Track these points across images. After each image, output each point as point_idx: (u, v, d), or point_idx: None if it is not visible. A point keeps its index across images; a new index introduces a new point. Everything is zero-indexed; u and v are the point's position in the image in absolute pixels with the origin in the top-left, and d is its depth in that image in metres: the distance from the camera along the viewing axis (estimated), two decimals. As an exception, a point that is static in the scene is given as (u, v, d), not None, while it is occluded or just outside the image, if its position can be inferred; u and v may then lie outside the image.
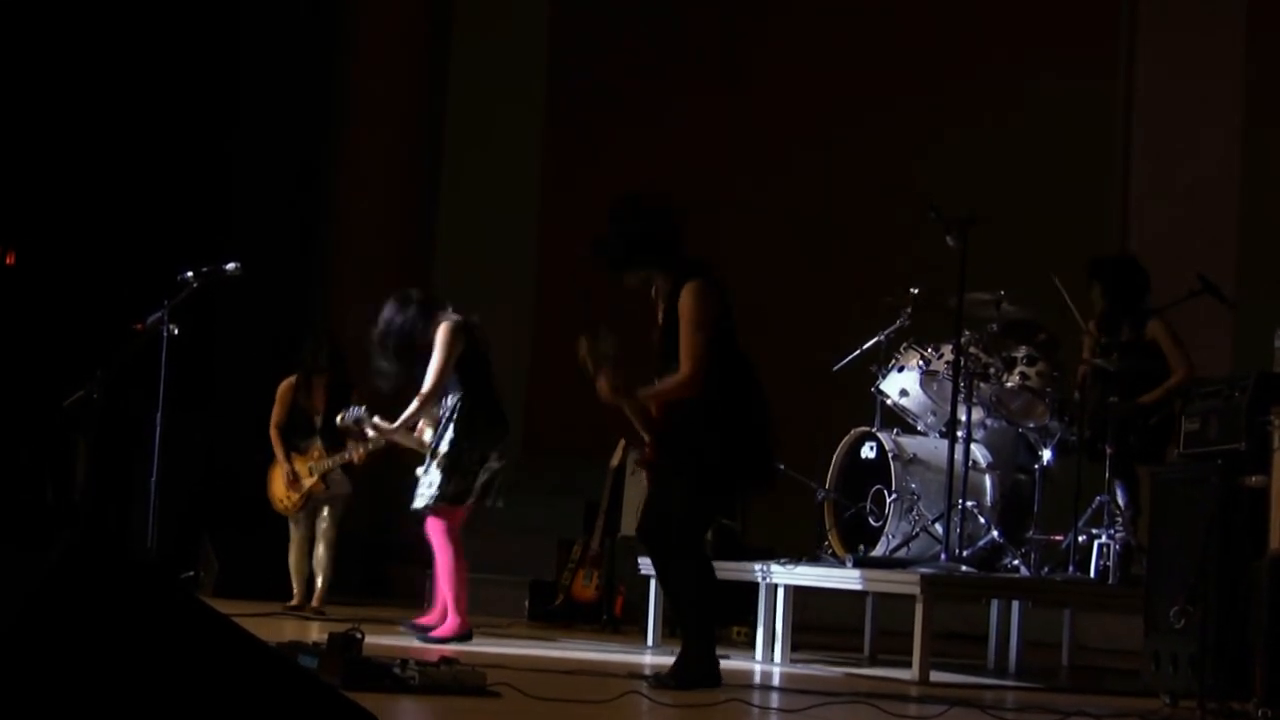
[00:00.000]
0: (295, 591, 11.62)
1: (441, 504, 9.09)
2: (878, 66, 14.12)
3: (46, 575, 3.52)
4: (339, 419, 9.77)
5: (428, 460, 9.20)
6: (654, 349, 7.28)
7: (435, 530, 9.21)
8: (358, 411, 9.57)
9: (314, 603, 11.47)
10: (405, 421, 9.36)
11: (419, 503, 9.19)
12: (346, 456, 11.32)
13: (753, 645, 9.31)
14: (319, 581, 11.57)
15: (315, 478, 11.57)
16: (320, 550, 11.63)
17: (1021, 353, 9.19)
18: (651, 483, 7.59)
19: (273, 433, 11.67)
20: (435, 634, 9.08)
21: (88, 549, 3.56)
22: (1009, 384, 9.10)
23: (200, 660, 3.54)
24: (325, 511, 11.64)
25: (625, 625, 11.16)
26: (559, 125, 15.53)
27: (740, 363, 7.17)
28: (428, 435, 9.39)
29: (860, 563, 8.83)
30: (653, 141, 14.76)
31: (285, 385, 11.70)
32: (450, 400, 9.16)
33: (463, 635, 9.06)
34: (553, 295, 14.72)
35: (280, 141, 14.81)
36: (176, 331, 9.52)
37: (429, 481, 9.14)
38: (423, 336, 9.17)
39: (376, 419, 9.50)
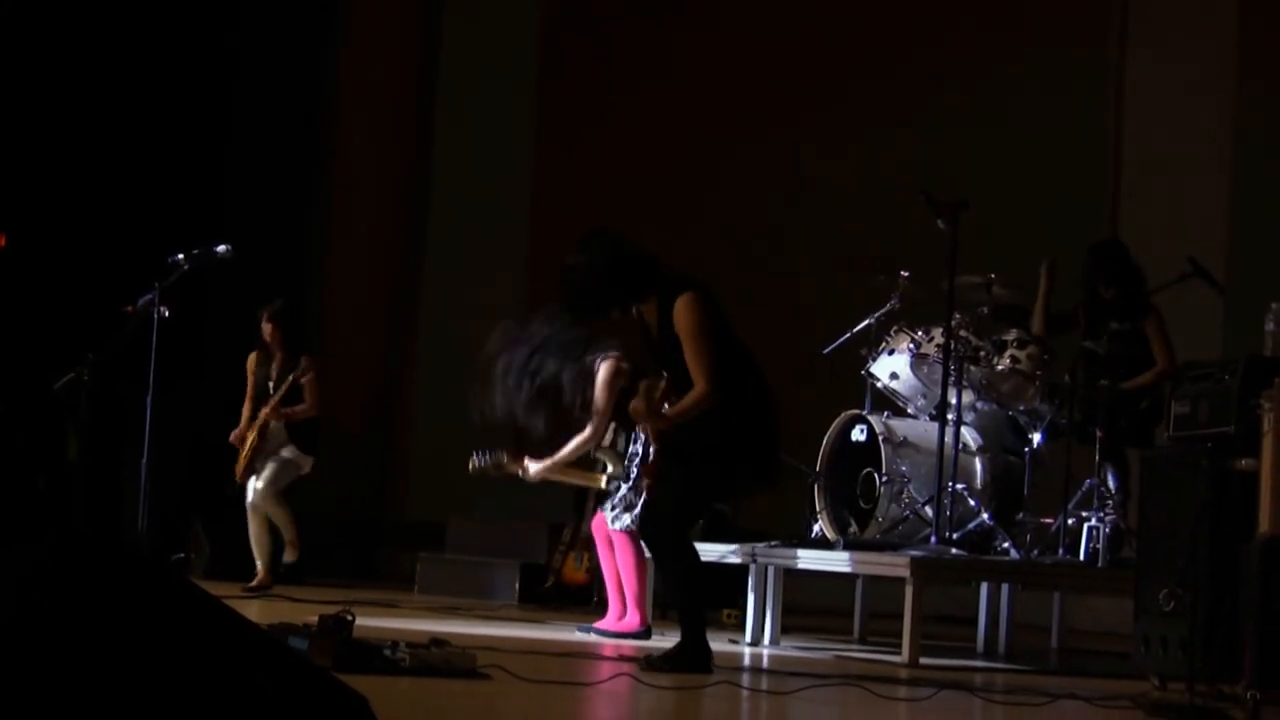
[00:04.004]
0: (259, 569, 11.31)
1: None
2: (870, 47, 14.11)
3: (36, 565, 3.52)
4: (471, 466, 9.57)
5: (626, 478, 9.10)
6: (655, 362, 7.33)
7: (628, 540, 9.13)
8: (495, 456, 9.47)
9: (259, 578, 11.13)
10: (561, 460, 9.32)
11: (624, 525, 9.05)
12: (292, 411, 11.25)
13: (743, 628, 9.32)
14: (284, 552, 11.33)
15: (254, 433, 11.31)
16: (269, 517, 11.28)
17: (1012, 336, 9.21)
18: (651, 492, 7.63)
19: (245, 406, 11.52)
20: (619, 628, 9.06)
21: (73, 537, 3.56)
22: (999, 367, 9.11)
23: (190, 643, 3.54)
24: (262, 474, 11.29)
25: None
26: (552, 112, 15.52)
27: (743, 359, 7.19)
28: (609, 469, 9.31)
29: (850, 545, 8.83)
30: (643, 126, 14.76)
31: (251, 359, 11.55)
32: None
33: (643, 632, 9.01)
34: (544, 284, 14.72)
35: (272, 123, 14.80)
36: (167, 314, 9.51)
37: (629, 503, 9.01)
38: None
39: (527, 461, 9.41)
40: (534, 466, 9.42)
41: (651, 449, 7.65)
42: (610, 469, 9.32)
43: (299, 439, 11.44)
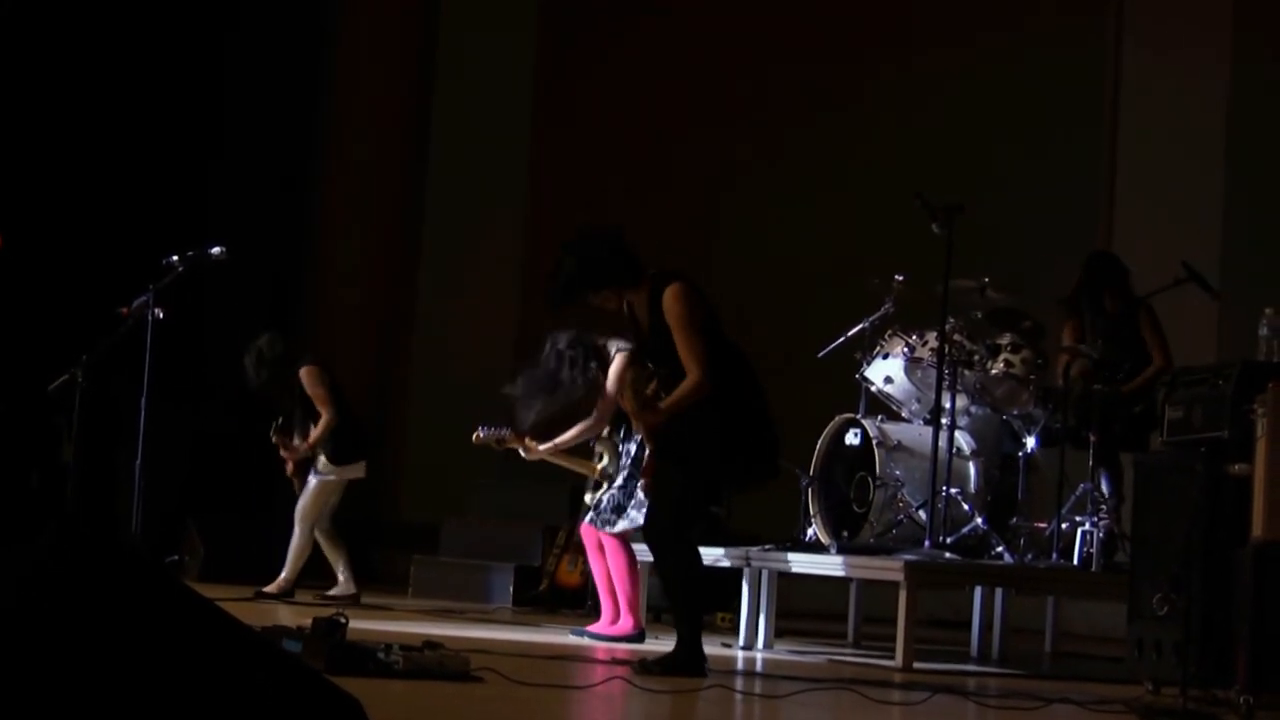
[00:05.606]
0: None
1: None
2: (866, 49, 14.13)
3: (33, 564, 3.52)
4: (475, 437, 9.57)
5: (616, 480, 9.08)
6: (646, 354, 7.36)
7: (619, 544, 9.11)
8: (499, 430, 9.49)
9: (271, 586, 11.00)
10: (562, 443, 9.34)
11: (617, 528, 9.01)
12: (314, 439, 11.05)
13: (737, 631, 9.32)
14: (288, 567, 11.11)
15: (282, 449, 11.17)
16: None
17: (1006, 340, 9.21)
18: (651, 490, 7.66)
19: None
20: (613, 632, 9.03)
21: (73, 536, 3.56)
22: (993, 371, 9.11)
23: (184, 645, 3.54)
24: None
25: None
26: (550, 113, 15.51)
27: (733, 354, 7.23)
28: (604, 461, 9.31)
29: (844, 549, 8.84)
30: (640, 128, 14.76)
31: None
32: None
33: (636, 636, 8.99)
34: (540, 286, 14.69)
35: (269, 124, 14.78)
36: (162, 316, 9.50)
37: (618, 504, 9.00)
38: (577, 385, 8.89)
39: (528, 440, 9.42)
40: (536, 446, 9.45)
41: (646, 451, 7.67)
42: (605, 460, 9.31)
43: (327, 450, 11.10)
